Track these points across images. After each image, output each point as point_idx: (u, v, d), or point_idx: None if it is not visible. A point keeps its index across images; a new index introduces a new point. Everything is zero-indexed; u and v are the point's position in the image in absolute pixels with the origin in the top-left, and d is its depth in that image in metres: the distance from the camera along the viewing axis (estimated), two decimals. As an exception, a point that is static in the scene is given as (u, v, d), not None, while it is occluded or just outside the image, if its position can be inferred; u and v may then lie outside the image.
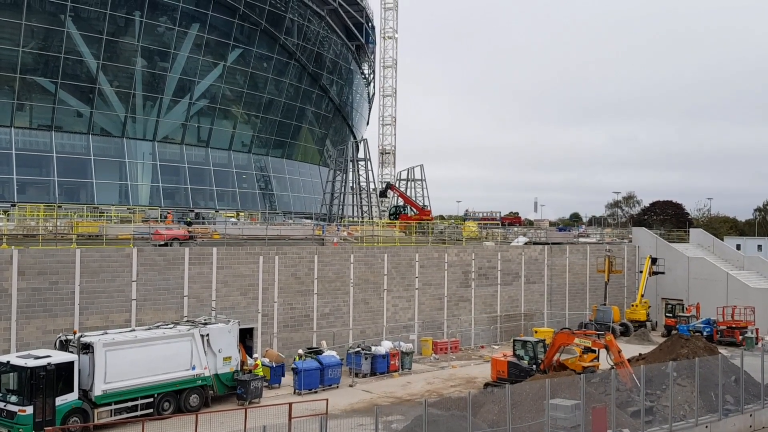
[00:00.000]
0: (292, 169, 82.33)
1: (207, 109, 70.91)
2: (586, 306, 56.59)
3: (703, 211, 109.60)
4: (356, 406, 32.73)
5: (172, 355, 29.70)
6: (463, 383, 38.12)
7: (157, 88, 66.54)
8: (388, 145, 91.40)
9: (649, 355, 36.60)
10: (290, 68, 76.54)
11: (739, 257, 61.49)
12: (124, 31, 63.86)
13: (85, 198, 62.74)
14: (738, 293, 55.03)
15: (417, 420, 24.46)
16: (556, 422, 25.30)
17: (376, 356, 39.10)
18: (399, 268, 45.91)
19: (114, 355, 27.88)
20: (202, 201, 70.87)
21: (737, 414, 29.89)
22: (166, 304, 35.02)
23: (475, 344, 49.27)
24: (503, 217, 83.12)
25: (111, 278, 33.34)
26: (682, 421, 28.50)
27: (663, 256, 59.07)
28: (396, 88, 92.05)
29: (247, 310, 38.24)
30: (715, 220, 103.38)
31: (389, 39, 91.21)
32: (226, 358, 31.89)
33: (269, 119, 76.42)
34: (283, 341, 39.43)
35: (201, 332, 31.04)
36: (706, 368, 30.62)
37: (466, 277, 49.70)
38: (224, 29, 69.32)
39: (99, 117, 64.27)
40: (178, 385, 29.94)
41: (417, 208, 69.97)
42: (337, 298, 42.53)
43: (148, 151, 67.29)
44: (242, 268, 38.21)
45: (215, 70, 69.91)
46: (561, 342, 34.90)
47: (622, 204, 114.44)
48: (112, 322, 32.93)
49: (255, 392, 31.98)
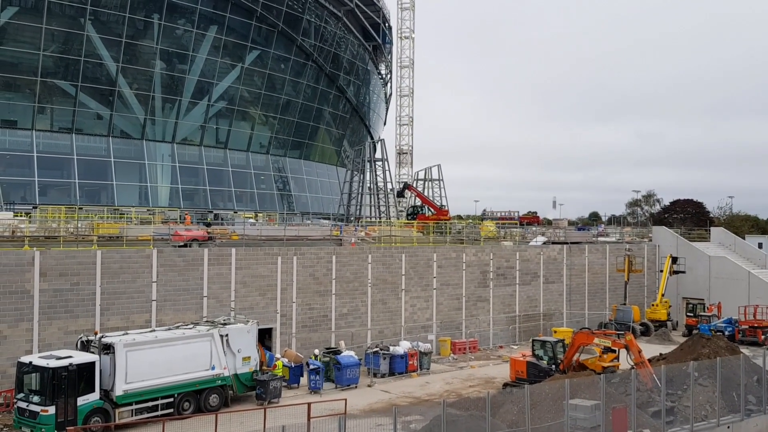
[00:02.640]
0: (309, 170, 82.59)
1: (225, 110, 71.34)
2: (606, 306, 56.21)
3: (725, 209, 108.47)
4: (375, 406, 32.75)
5: (192, 356, 29.90)
6: (481, 383, 38.02)
7: (175, 91, 67.05)
8: (405, 145, 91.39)
9: (669, 355, 36.30)
10: (307, 69, 76.78)
11: (762, 256, 60.74)
12: (143, 34, 64.45)
13: (105, 200, 63.39)
14: (760, 292, 54.37)
15: (436, 420, 24.45)
16: (576, 422, 25.17)
17: (394, 356, 39.10)
18: (417, 268, 45.88)
19: (134, 355, 28.11)
20: (220, 202, 71.31)
21: (760, 414, 29.57)
22: (185, 305, 35.27)
23: (494, 344, 49.12)
24: (521, 216, 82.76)
25: (131, 279, 33.65)
26: (704, 422, 28.24)
27: (684, 255, 58.50)
28: (413, 88, 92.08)
29: (266, 310, 38.41)
30: (737, 219, 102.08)
31: (406, 39, 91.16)
32: (245, 358, 32.04)
33: (287, 120, 76.72)
34: (302, 341, 39.56)
35: (220, 332, 31.21)
36: (727, 368, 30.30)
37: (484, 277, 49.56)
38: (242, 31, 69.70)
39: (119, 119, 64.89)
40: (198, 385, 30.14)
41: (434, 207, 69.91)
42: (355, 299, 42.59)
43: (168, 153, 67.83)
44: (261, 269, 38.39)
45: (233, 71, 70.31)
46: (580, 342, 34.71)
47: (641, 203, 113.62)
48: (133, 323, 33.23)
49: (274, 392, 32.09)
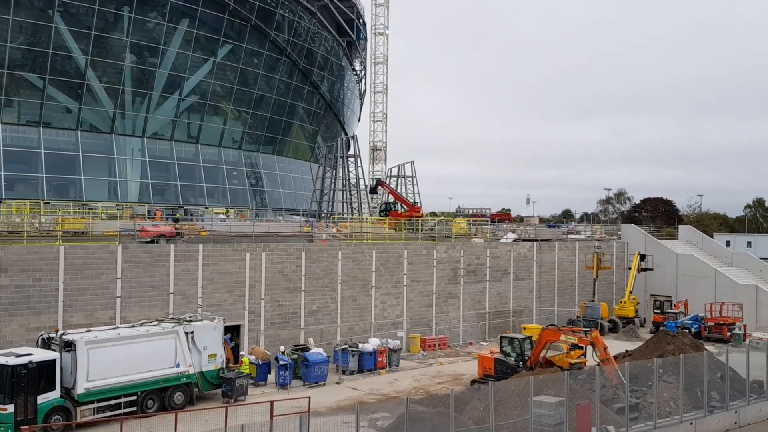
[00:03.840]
0: (282, 166, 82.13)
1: (197, 105, 70.65)
2: (575, 303, 56.65)
3: (694, 207, 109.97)
4: (342, 403, 32.63)
5: (156, 353, 29.57)
6: (450, 380, 38.09)
7: (146, 84, 66.26)
8: (379, 141, 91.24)
9: (635, 351, 36.58)
10: (281, 64, 76.31)
11: (728, 254, 61.63)
12: (113, 27, 63.56)
13: (73, 195, 62.46)
14: (726, 290, 55.17)
15: (402, 417, 24.37)
16: (541, 419, 25.24)
17: (363, 353, 39.05)
18: (387, 264, 45.83)
19: (96, 353, 27.72)
20: (192, 198, 70.62)
21: (722, 411, 29.92)
22: (151, 302, 34.87)
23: (464, 341, 49.25)
24: (493, 213, 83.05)
25: (95, 275, 33.18)
26: (667, 418, 28.49)
27: (652, 252, 59.15)
28: (387, 85, 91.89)
29: (234, 307, 38.12)
30: (706, 217, 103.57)
31: (380, 35, 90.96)
32: (211, 356, 31.76)
33: (260, 115, 76.18)
34: (270, 338, 39.31)
35: (185, 329, 30.90)
36: (692, 365, 30.61)
37: (454, 274, 49.66)
38: (214, 25, 69.03)
39: (87, 113, 63.98)
40: (162, 383, 29.81)
41: (407, 204, 69.88)
42: (324, 295, 42.43)
43: (137, 148, 67.02)
44: (229, 265, 38.07)
45: (205, 66, 69.64)
46: (547, 339, 34.90)
47: (613, 201, 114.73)
48: (97, 320, 32.77)
49: (240, 390, 31.88)
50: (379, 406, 31.85)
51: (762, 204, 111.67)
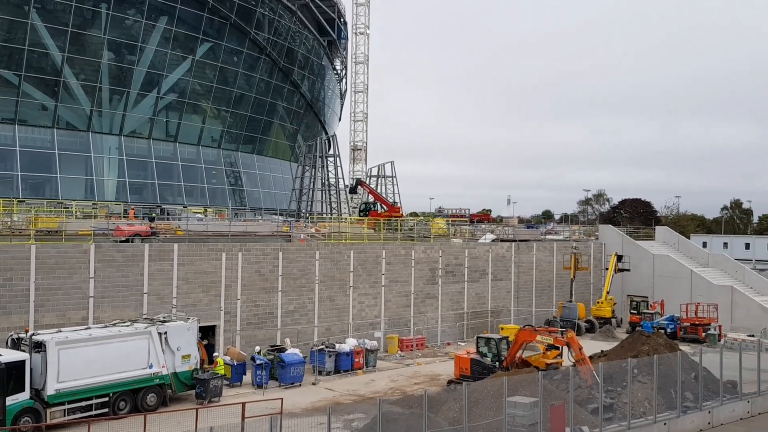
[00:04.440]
0: (262, 165, 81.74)
1: (175, 103, 70.11)
2: (553, 303, 56.84)
3: (672, 208, 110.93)
4: (318, 404, 32.46)
5: (129, 354, 29.24)
6: (427, 381, 38.04)
7: (124, 82, 65.65)
8: (359, 141, 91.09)
9: (610, 352, 36.77)
10: (261, 63, 75.93)
11: (704, 255, 62.17)
12: (90, 24, 62.89)
13: (49, 193, 61.74)
14: (702, 290, 55.63)
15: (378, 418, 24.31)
16: (515, 420, 25.24)
17: (340, 354, 38.88)
18: (365, 265, 45.71)
19: (67, 353, 27.35)
20: (170, 197, 70.04)
21: (696, 411, 30.05)
22: (125, 302, 34.50)
23: (442, 341, 49.26)
24: (472, 214, 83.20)
25: (68, 275, 32.76)
26: (641, 419, 28.58)
27: (629, 253, 59.51)
28: (368, 84, 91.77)
29: (209, 307, 37.82)
30: (683, 218, 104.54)
31: (361, 35, 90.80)
32: (184, 357, 31.45)
33: (239, 114, 75.77)
34: (247, 339, 39.05)
35: (159, 330, 30.58)
36: (666, 365, 30.76)
37: (433, 274, 49.64)
38: (193, 23, 68.53)
39: (64, 111, 63.28)
40: (134, 384, 29.48)
41: (387, 204, 69.78)
42: (302, 296, 42.23)
43: (115, 146, 66.40)
44: (204, 265, 37.76)
45: (184, 64, 69.12)
46: (523, 339, 34.94)
47: (592, 202, 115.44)
48: (69, 320, 32.36)
49: (214, 391, 31.60)
50: (354, 407, 31.75)
51: (739, 205, 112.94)
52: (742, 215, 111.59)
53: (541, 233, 66.63)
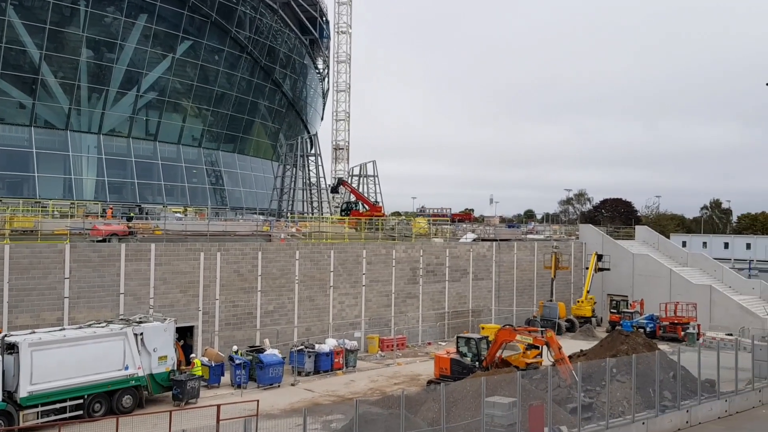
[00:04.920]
0: (244, 164, 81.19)
1: (155, 102, 69.40)
2: (534, 302, 56.94)
3: (652, 208, 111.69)
4: (296, 405, 32.23)
5: (104, 355, 28.87)
6: (407, 381, 37.94)
7: (103, 80, 64.89)
8: (342, 140, 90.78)
9: (590, 351, 36.88)
10: (242, 62, 75.41)
11: (683, 254, 62.56)
12: (68, 21, 62.07)
13: (27, 192, 60.93)
14: (681, 289, 55.97)
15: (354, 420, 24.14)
16: (494, 420, 25.18)
17: (319, 354, 38.69)
18: (346, 264, 45.52)
19: (41, 355, 26.96)
20: (150, 196, 69.37)
21: (674, 410, 30.18)
22: (101, 302, 34.07)
23: (423, 341, 49.18)
24: (453, 213, 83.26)
25: (42, 275, 32.30)
26: (620, 418, 28.65)
27: (609, 252, 59.75)
28: (350, 84, 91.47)
29: (187, 308, 37.46)
30: (663, 218, 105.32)
31: (343, 34, 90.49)
32: (161, 358, 31.11)
33: (220, 113, 75.21)
34: (225, 339, 38.74)
35: (134, 331, 30.23)
36: (645, 364, 30.86)
37: (414, 274, 49.54)
38: (173, 20, 67.89)
39: (42, 109, 62.46)
40: (110, 385, 29.14)
41: (368, 204, 69.65)
42: (281, 296, 41.96)
43: (93, 145, 65.61)
44: (182, 265, 37.39)
45: (164, 62, 68.45)
46: (503, 339, 34.93)
47: (573, 201, 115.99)
48: (44, 321, 31.92)
49: (191, 392, 31.30)
50: (333, 407, 31.57)
51: (718, 205, 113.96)
52: (721, 215, 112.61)
53: (522, 233, 66.75)
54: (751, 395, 34.23)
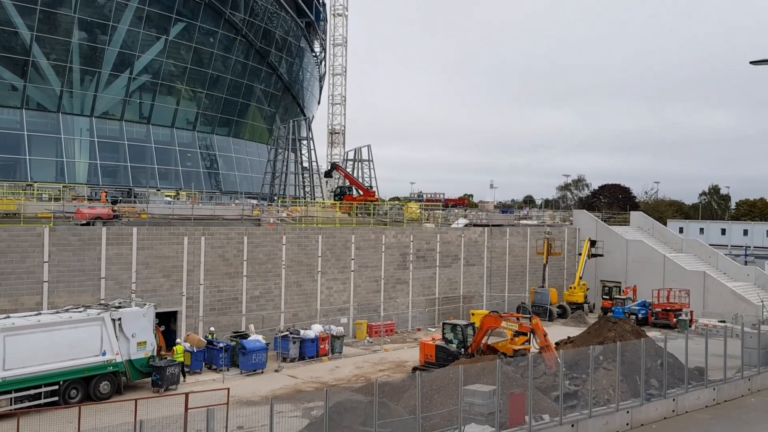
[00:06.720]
0: (239, 148, 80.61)
1: (149, 84, 68.79)
2: (526, 288, 56.48)
3: (650, 194, 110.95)
4: (278, 392, 31.92)
5: (80, 341, 28.50)
6: (393, 367, 37.59)
7: (95, 62, 64.26)
8: (337, 125, 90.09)
9: (577, 338, 36.42)
10: (237, 44, 74.65)
11: (678, 240, 62.00)
12: (60, 2, 61.31)
13: (19, 175, 60.48)
14: (674, 275, 55.48)
15: (338, 406, 23.82)
16: (473, 408, 24.76)
17: (304, 340, 38.31)
18: (334, 249, 45.05)
19: (14, 340, 26.60)
20: (143, 180, 68.93)
21: (660, 399, 29.73)
22: (81, 287, 33.66)
23: (413, 327, 48.81)
24: (447, 199, 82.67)
25: (20, 259, 31.88)
26: (604, 406, 28.23)
27: (603, 238, 59.21)
28: (346, 67, 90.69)
29: (171, 292, 37.05)
30: (661, 204, 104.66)
31: (339, 17, 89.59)
32: (140, 343, 30.73)
33: (215, 96, 74.55)
34: (210, 325, 38.28)
35: (112, 316, 29.83)
36: (632, 352, 30.40)
37: (404, 259, 49.08)
38: (167, 2, 67.09)
39: (34, 91, 61.94)
40: (86, 371, 28.78)
41: (362, 188, 69.12)
42: (268, 281, 41.54)
43: (86, 127, 65.13)
44: (165, 249, 36.94)
45: (157, 44, 67.75)
46: (489, 325, 34.51)
47: (571, 187, 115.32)
48: (22, 305, 31.53)
49: (171, 378, 30.96)
50: (315, 394, 31.14)
51: (717, 191, 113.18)
52: (720, 201, 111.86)
53: (515, 218, 66.21)
54: (740, 383, 33.77)
